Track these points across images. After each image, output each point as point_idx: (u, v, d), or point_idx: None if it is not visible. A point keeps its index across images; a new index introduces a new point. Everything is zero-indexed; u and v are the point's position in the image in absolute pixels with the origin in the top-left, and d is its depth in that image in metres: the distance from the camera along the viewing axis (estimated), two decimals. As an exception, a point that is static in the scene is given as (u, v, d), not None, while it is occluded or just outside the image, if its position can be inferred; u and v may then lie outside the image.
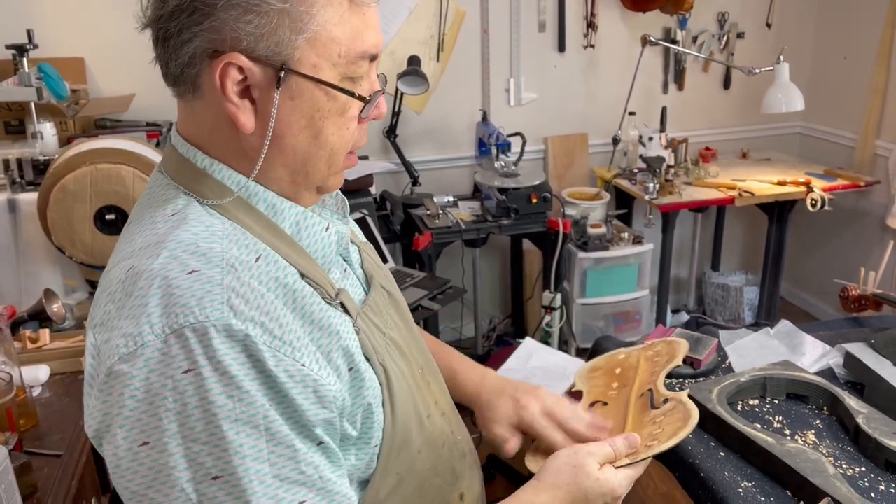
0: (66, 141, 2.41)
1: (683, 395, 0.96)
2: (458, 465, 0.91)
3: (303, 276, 0.71)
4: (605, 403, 1.03)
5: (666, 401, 0.96)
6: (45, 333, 1.77)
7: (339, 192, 0.86)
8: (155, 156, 2.13)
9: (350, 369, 0.71)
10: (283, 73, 0.66)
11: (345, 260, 0.83)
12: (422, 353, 0.92)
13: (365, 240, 0.98)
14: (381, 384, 0.75)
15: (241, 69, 0.66)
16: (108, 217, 2.03)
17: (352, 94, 0.70)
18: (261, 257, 0.69)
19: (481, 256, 3.29)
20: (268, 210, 0.72)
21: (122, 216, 2.04)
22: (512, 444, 0.99)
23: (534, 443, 1.01)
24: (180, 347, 0.60)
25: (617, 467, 0.86)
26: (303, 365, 0.65)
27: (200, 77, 0.68)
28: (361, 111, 0.72)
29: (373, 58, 0.72)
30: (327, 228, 0.76)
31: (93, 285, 2.29)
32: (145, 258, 0.65)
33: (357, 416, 0.72)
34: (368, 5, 0.70)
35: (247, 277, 0.65)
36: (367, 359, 0.74)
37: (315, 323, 0.69)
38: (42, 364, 1.63)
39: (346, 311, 0.75)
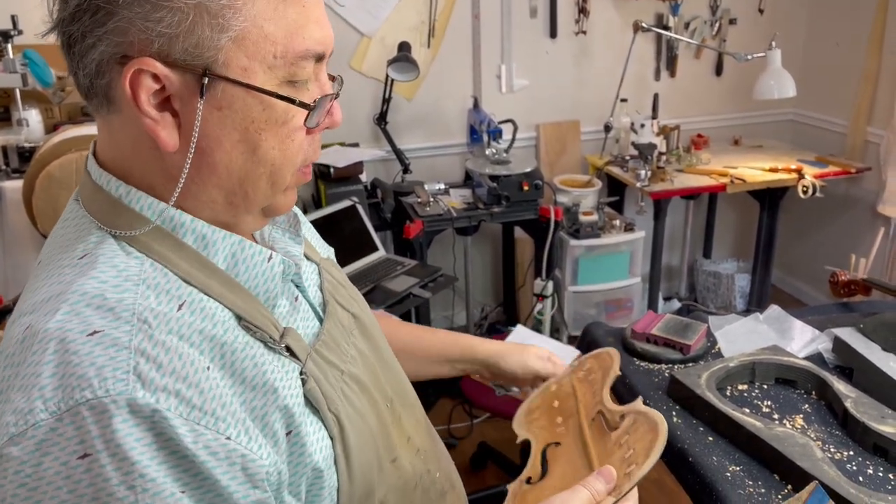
0: (51, 128, 2.38)
1: (638, 403, 0.89)
2: None
3: (240, 319, 0.62)
4: (558, 443, 0.94)
5: (622, 416, 0.88)
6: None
7: (293, 207, 0.76)
8: (142, 143, 2.11)
9: (289, 433, 0.62)
10: (206, 80, 0.57)
11: (297, 286, 0.74)
12: (393, 382, 0.82)
13: (327, 255, 0.87)
14: (332, 438, 0.66)
15: (155, 77, 0.57)
16: (94, 204, 2.01)
17: (292, 101, 0.60)
18: (184, 304, 0.59)
19: (473, 244, 3.28)
20: (196, 243, 0.63)
21: (109, 204, 2.03)
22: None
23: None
24: (75, 429, 0.51)
25: None
26: (228, 438, 0.55)
27: (112, 88, 0.58)
28: (306, 120, 0.62)
29: (319, 57, 0.62)
30: (269, 259, 0.66)
31: (80, 274, 2.28)
32: (43, 314, 0.56)
33: (301, 485, 0.63)
34: None
35: (163, 335, 0.56)
36: (316, 410, 0.66)
37: (247, 382, 0.60)
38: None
39: (292, 354, 0.66)
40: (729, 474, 1.07)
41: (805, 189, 2.87)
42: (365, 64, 2.98)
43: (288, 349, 0.65)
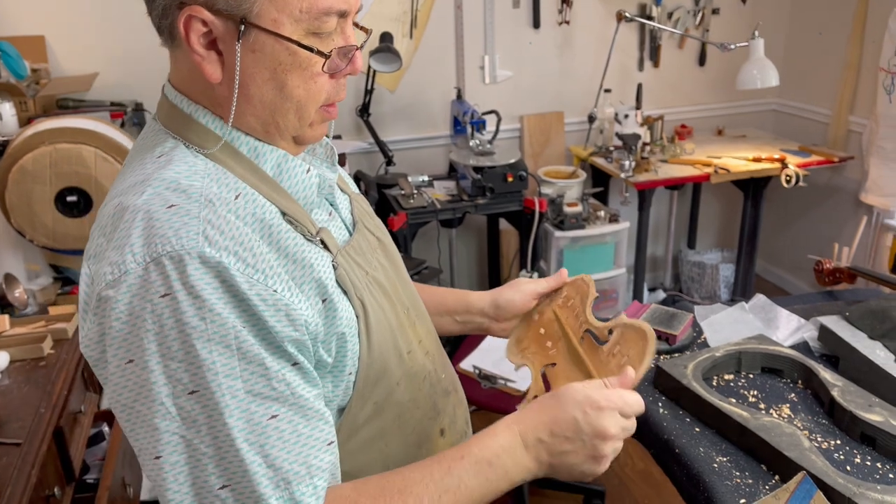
0: (26, 121, 2.32)
1: (623, 317, 0.93)
2: (440, 402, 0.93)
3: (284, 214, 0.75)
4: (554, 364, 1.00)
5: (610, 331, 0.93)
6: (4, 319, 1.71)
7: (329, 143, 0.90)
8: (118, 136, 2.06)
9: (324, 300, 0.74)
10: (242, 27, 0.69)
11: (331, 204, 0.87)
12: (410, 297, 0.94)
13: (358, 192, 1.00)
14: (357, 316, 0.78)
15: (204, 22, 0.69)
16: (69, 199, 1.96)
17: (311, 50, 0.71)
18: (240, 195, 0.72)
19: (458, 236, 3.26)
20: (250, 153, 0.76)
21: (85, 198, 1.98)
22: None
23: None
24: (158, 274, 0.65)
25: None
26: (275, 290, 0.68)
27: (173, 28, 0.71)
28: (324, 66, 0.73)
29: (342, 14, 0.73)
30: (308, 171, 0.79)
31: (56, 270, 2.22)
32: (132, 195, 0.70)
33: (332, 343, 0.75)
34: None
35: (224, 212, 0.69)
36: (345, 292, 0.77)
37: (289, 256, 0.72)
38: (1, 351, 1.58)
39: (326, 247, 0.78)
40: (716, 465, 1.06)
41: (788, 179, 2.88)
42: (346, 55, 2.93)
43: (322, 242, 0.78)
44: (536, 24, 3.19)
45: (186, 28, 0.69)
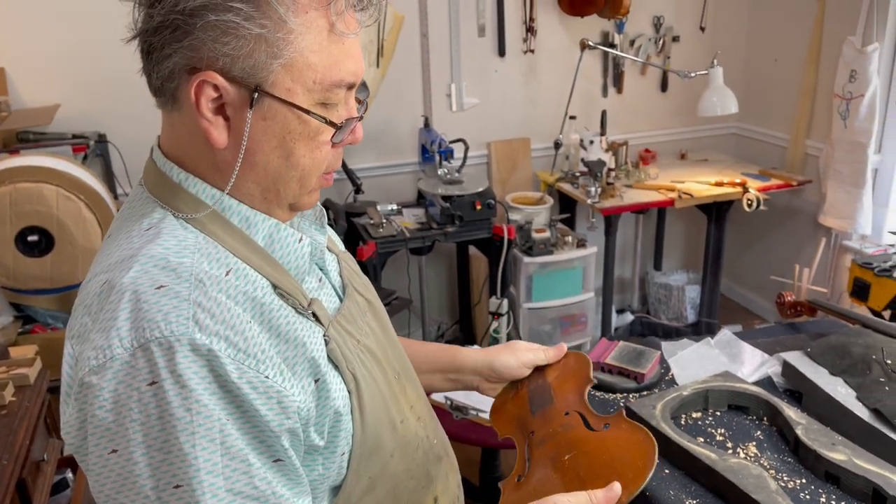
0: (-15, 157, 2.28)
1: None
2: (432, 469, 0.93)
3: (275, 287, 0.74)
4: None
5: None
6: (-37, 366, 1.67)
7: (318, 204, 0.89)
8: (80, 172, 2.03)
9: (316, 380, 0.73)
10: (256, 95, 0.69)
11: (321, 269, 0.86)
12: (399, 359, 0.94)
13: (344, 249, 1.00)
14: (349, 392, 0.77)
15: (216, 87, 0.68)
16: (30, 238, 1.93)
17: (323, 120, 0.72)
18: (231, 271, 0.71)
19: (427, 263, 3.27)
20: (241, 223, 0.75)
21: (46, 237, 1.94)
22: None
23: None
24: (146, 361, 0.63)
25: None
26: (266, 377, 0.67)
27: (179, 91, 0.70)
28: (333, 136, 0.74)
29: (350, 86, 0.74)
30: (300, 240, 0.78)
31: (18, 309, 2.18)
32: (118, 272, 0.68)
33: (324, 425, 0.74)
34: (348, 35, 0.72)
35: (214, 292, 0.68)
36: (337, 367, 0.77)
37: (281, 336, 0.71)
38: (-40, 400, 1.54)
39: (317, 320, 0.77)
40: (686, 509, 1.08)
41: (750, 203, 2.94)
42: (313, 84, 2.93)
43: (314, 315, 0.77)
44: (502, 52, 3.23)
45: (198, 93, 0.68)
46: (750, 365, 1.43)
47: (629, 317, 3.69)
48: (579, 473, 0.87)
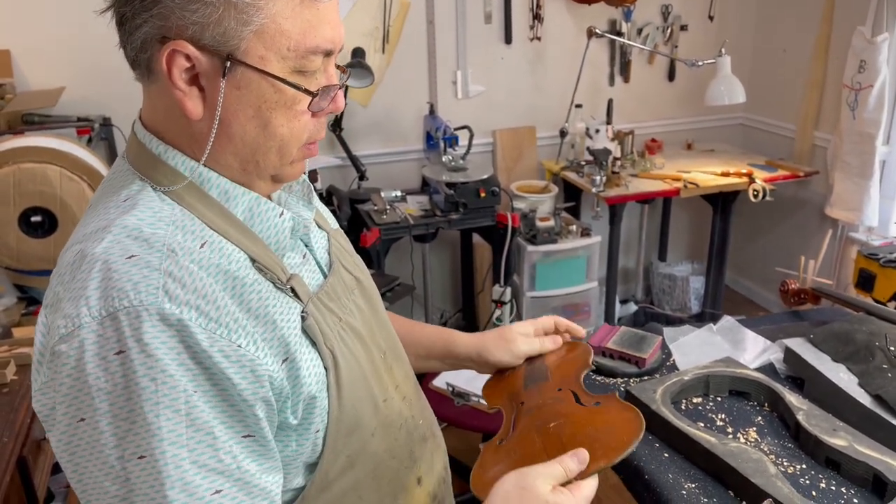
0: (-11, 138, 2.28)
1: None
2: (416, 449, 0.91)
3: (253, 261, 0.73)
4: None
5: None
6: (-34, 345, 1.67)
7: (306, 179, 0.88)
8: (85, 154, 2.03)
9: (285, 360, 0.71)
10: (228, 63, 0.67)
11: (306, 245, 0.84)
12: (387, 339, 0.93)
13: (337, 227, 0.98)
14: (326, 368, 0.76)
15: (188, 57, 0.67)
16: (33, 219, 1.93)
17: (298, 88, 0.70)
18: (206, 244, 0.70)
19: (431, 251, 3.26)
20: (220, 196, 0.74)
21: (49, 218, 1.94)
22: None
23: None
24: (114, 330, 0.63)
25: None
26: (238, 346, 0.66)
27: (153, 62, 0.69)
28: (310, 105, 0.72)
29: (327, 53, 0.72)
30: (281, 214, 0.77)
31: (21, 290, 2.18)
32: (91, 242, 0.68)
33: (299, 405, 0.73)
34: (322, 1, 0.70)
35: (186, 262, 0.67)
36: (314, 343, 0.75)
37: (251, 312, 0.70)
38: (-38, 378, 1.54)
39: (296, 296, 0.76)
40: (685, 492, 1.07)
41: (756, 193, 2.92)
42: (318, 70, 2.92)
43: (293, 291, 0.76)
44: (508, 39, 3.21)
45: (169, 63, 0.67)
46: (752, 351, 1.42)
47: (633, 307, 3.68)
48: (562, 439, 0.86)
